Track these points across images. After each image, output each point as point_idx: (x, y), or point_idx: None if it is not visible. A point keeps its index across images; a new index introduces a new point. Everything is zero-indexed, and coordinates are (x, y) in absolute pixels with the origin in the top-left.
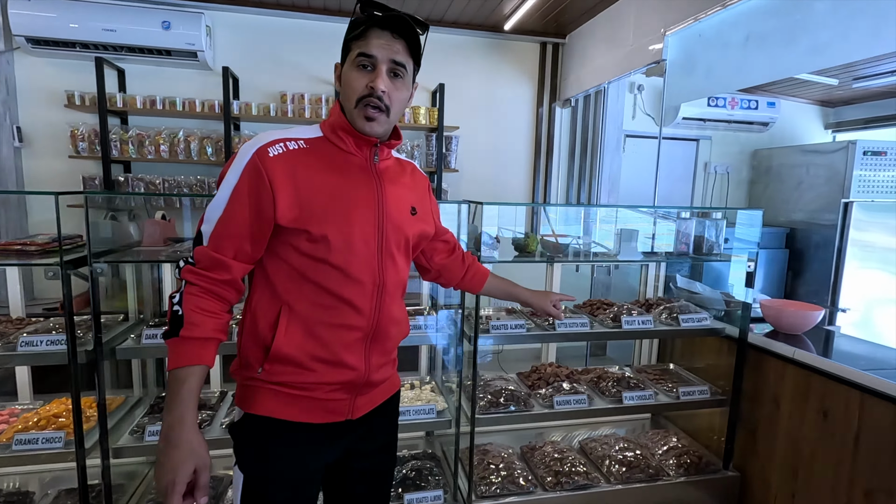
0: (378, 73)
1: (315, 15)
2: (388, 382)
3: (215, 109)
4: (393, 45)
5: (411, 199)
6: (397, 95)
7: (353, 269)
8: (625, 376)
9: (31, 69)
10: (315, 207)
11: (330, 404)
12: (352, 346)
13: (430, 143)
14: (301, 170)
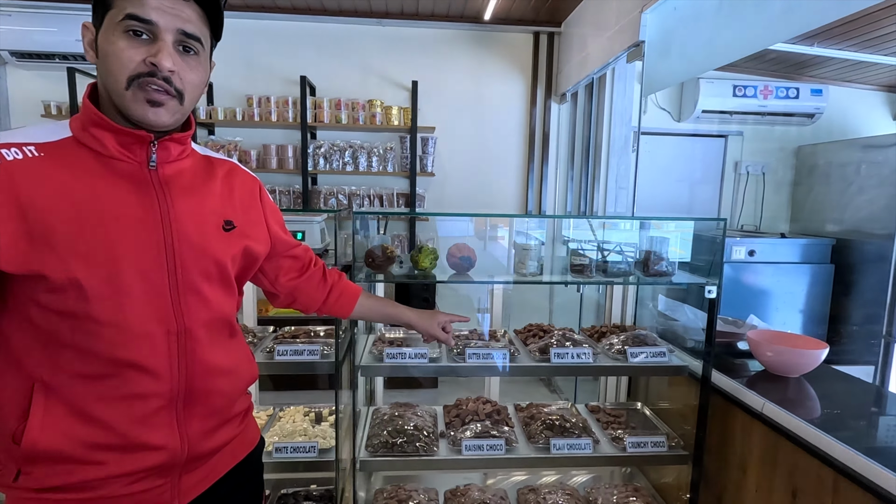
0: (162, 46)
1: (284, 14)
2: (231, 446)
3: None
4: (182, 10)
5: (224, 210)
6: (190, 77)
7: (131, 319)
8: (562, 417)
9: (19, 82)
10: (55, 241)
11: (138, 498)
12: (151, 419)
13: (404, 145)
14: (29, 189)
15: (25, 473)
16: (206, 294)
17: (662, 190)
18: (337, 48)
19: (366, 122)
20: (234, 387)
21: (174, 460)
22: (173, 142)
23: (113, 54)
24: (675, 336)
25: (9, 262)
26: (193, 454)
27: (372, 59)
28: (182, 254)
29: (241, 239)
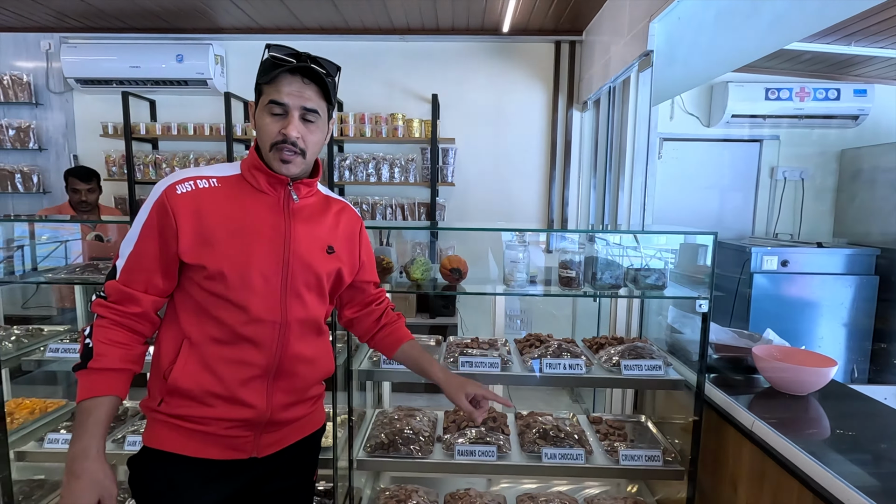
0: (290, 120)
1: (311, 35)
2: (301, 422)
3: (220, 132)
4: (304, 92)
5: (329, 237)
6: (311, 138)
7: (252, 307)
8: (557, 427)
9: (83, 105)
10: (214, 244)
11: (229, 441)
12: (250, 383)
13: (424, 156)
14: (206, 207)
15: (166, 402)
16: (305, 299)
17: (689, 198)
18: (361, 65)
19: (388, 134)
20: (312, 374)
21: (258, 419)
22: (303, 184)
23: (262, 127)
24: (681, 349)
25: (186, 255)
26: (273, 419)
27: (394, 74)
28: (293, 266)
29: (336, 262)
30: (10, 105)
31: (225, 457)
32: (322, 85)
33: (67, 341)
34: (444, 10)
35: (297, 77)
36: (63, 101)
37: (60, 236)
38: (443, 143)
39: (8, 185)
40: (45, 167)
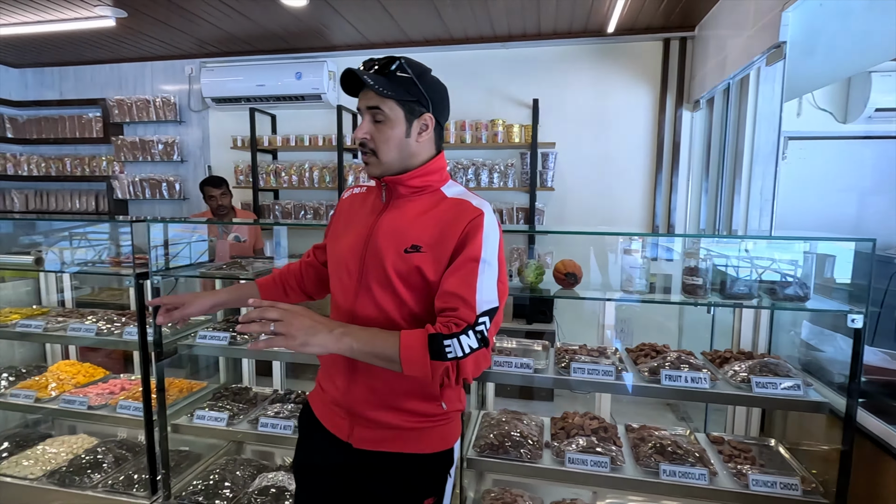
0: (361, 123)
1: (416, 47)
2: (402, 434)
3: (333, 142)
4: (366, 94)
5: (417, 236)
6: (380, 136)
7: (335, 292)
8: (675, 443)
9: (216, 121)
10: (334, 237)
11: (332, 415)
12: (336, 363)
13: (524, 161)
14: (347, 208)
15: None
16: (376, 294)
17: (819, 202)
18: (462, 74)
19: (488, 140)
20: (395, 380)
21: (343, 403)
22: (400, 183)
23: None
24: (820, 369)
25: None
26: (357, 412)
27: (495, 81)
28: (367, 261)
29: (417, 260)
30: (159, 123)
31: (329, 427)
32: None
33: (211, 329)
34: (548, 15)
35: (364, 89)
36: (200, 119)
37: (200, 236)
38: (542, 147)
39: (156, 193)
40: (184, 176)
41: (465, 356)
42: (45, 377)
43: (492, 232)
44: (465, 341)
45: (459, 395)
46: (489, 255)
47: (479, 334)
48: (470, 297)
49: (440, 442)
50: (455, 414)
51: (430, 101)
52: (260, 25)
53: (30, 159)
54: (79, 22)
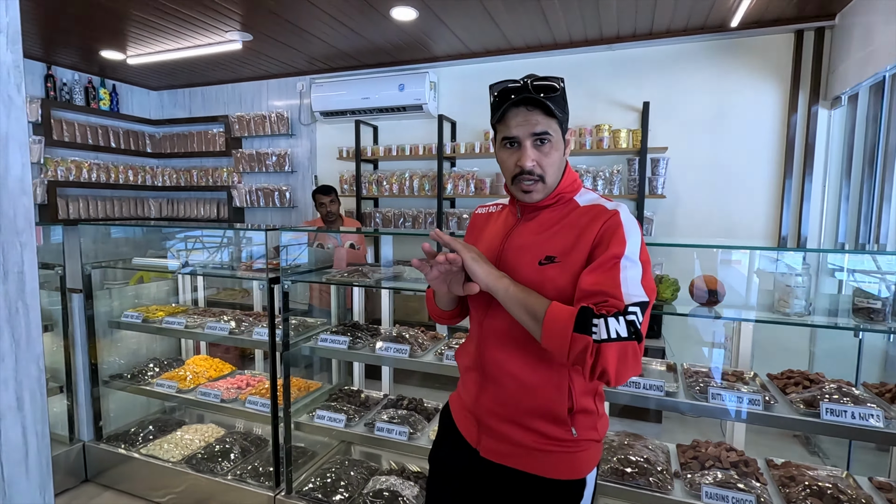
0: (523, 151)
1: (517, 55)
2: (529, 453)
3: (433, 151)
4: (530, 119)
5: (550, 247)
6: (547, 161)
7: (471, 307)
8: (836, 487)
9: (323, 134)
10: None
11: (466, 420)
12: (469, 371)
13: (632, 167)
14: (481, 225)
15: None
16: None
17: None
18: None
19: (592, 146)
20: (524, 396)
21: (472, 408)
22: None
23: (502, 162)
24: None
25: None
26: (483, 421)
27: (600, 84)
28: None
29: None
30: (273, 136)
31: (461, 430)
32: (545, 106)
33: (330, 332)
34: (664, 13)
35: (520, 108)
36: (309, 131)
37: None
38: (653, 152)
39: (269, 201)
40: (294, 186)
41: (609, 340)
42: (183, 370)
43: (632, 230)
44: (612, 325)
45: (596, 423)
46: (632, 252)
47: (630, 324)
48: (615, 291)
49: (567, 470)
50: (589, 444)
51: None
52: (367, 40)
53: (163, 171)
54: (211, 47)
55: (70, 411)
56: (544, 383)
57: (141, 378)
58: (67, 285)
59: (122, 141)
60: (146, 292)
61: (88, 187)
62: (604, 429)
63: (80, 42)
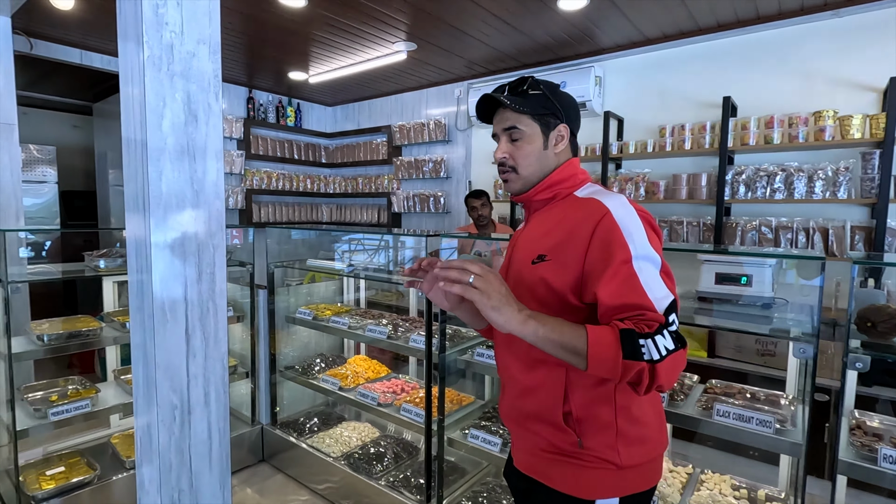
0: (499, 145)
1: (704, 36)
2: (535, 460)
3: (596, 152)
4: (502, 116)
5: (542, 245)
6: (520, 153)
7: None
8: None
9: (479, 139)
10: None
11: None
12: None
13: (868, 163)
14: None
15: None
16: None
17: None
18: (766, 58)
19: (807, 138)
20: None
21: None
22: (530, 199)
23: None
24: None
25: None
26: (508, 427)
27: (818, 62)
28: (510, 279)
29: (541, 271)
30: (430, 143)
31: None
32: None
33: (485, 347)
34: None
35: (499, 109)
36: (465, 137)
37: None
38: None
39: (424, 207)
40: (448, 192)
41: (661, 359)
42: (345, 368)
43: (630, 223)
44: (660, 342)
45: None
46: (639, 250)
47: (674, 334)
48: (644, 301)
49: (572, 485)
50: (602, 464)
51: (563, 112)
52: (528, 37)
53: (334, 179)
54: (379, 60)
55: (253, 396)
56: (539, 385)
57: (309, 372)
58: (255, 282)
59: (302, 153)
60: (317, 291)
61: (275, 194)
62: (639, 458)
63: (274, 66)
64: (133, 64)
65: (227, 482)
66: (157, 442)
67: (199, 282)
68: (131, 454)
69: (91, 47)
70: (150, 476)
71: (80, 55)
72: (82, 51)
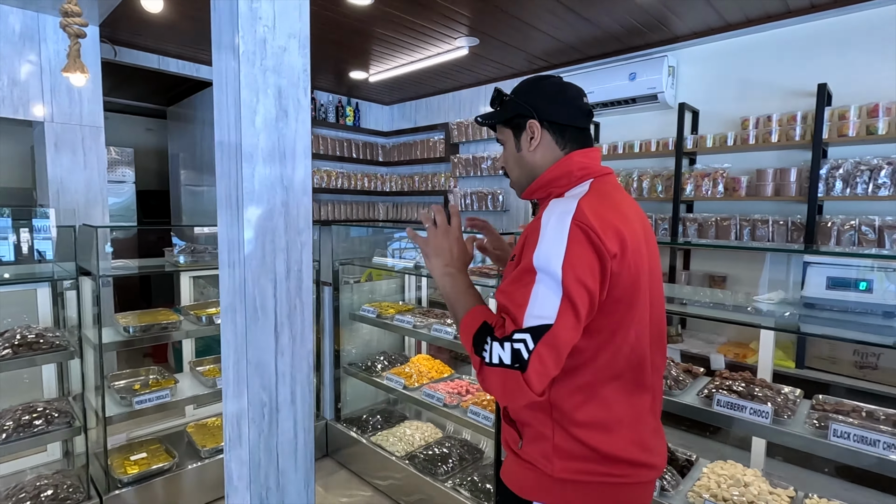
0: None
1: (791, 18)
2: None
3: (668, 147)
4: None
5: (518, 246)
6: (502, 160)
7: None
8: None
9: None
10: None
11: None
12: None
13: None
14: None
15: None
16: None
17: None
18: (867, 40)
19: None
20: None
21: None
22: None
23: None
24: None
25: None
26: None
27: None
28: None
29: (509, 271)
30: (488, 141)
31: None
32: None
33: None
34: None
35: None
36: None
37: None
38: None
39: (482, 205)
40: (507, 189)
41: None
42: (409, 367)
43: (554, 231)
44: (496, 350)
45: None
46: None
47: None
48: (516, 309)
49: (512, 478)
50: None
51: (531, 107)
52: (596, 26)
53: (391, 177)
54: (439, 56)
55: (318, 391)
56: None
57: (372, 369)
58: (321, 279)
59: (360, 152)
60: (378, 289)
61: (334, 193)
62: (580, 475)
63: (336, 66)
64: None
65: (311, 482)
66: (246, 438)
67: (288, 279)
68: (206, 443)
69: (168, 53)
70: (239, 473)
71: (157, 60)
72: (160, 56)
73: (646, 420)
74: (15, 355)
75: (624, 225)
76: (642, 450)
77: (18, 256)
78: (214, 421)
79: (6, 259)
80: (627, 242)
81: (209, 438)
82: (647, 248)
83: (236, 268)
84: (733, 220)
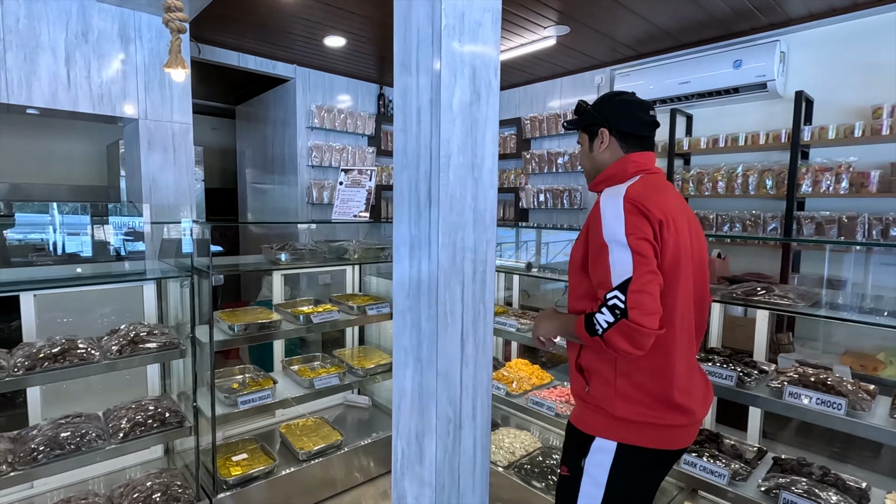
0: None
1: None
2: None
3: (780, 139)
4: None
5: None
6: (579, 157)
7: None
8: None
9: None
10: None
11: None
12: None
13: None
14: None
15: None
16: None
17: None
18: None
19: None
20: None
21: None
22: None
23: None
24: None
25: None
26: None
27: None
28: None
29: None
30: (563, 136)
31: None
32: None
33: None
34: None
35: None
36: None
37: None
38: None
39: (557, 203)
40: (585, 186)
41: (604, 330)
42: (507, 372)
43: (610, 209)
44: (600, 318)
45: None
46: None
47: (612, 308)
48: (606, 280)
49: (580, 420)
50: (598, 410)
51: (603, 118)
52: (700, 7)
53: None
54: (525, 47)
55: None
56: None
57: None
58: None
59: None
60: None
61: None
62: (633, 415)
63: None
64: (424, 35)
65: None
66: (431, 458)
67: (474, 282)
68: (303, 446)
69: (246, 50)
70: (418, 494)
71: (237, 58)
72: (240, 54)
73: (689, 372)
74: (132, 353)
75: (664, 204)
76: (688, 397)
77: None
78: (306, 421)
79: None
80: (669, 217)
81: (303, 440)
82: (691, 235)
83: (423, 269)
84: (861, 218)
